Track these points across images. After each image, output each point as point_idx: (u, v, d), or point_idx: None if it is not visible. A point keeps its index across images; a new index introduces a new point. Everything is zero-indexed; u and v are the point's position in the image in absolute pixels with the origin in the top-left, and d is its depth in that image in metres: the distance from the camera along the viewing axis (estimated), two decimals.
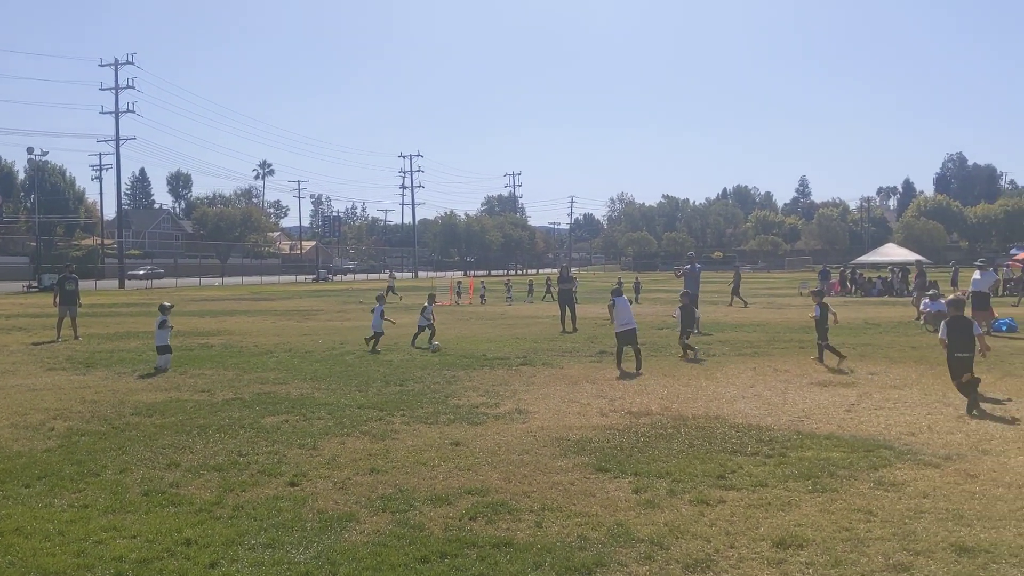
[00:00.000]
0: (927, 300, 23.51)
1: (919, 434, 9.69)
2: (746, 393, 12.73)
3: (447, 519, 6.72)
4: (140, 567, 5.70)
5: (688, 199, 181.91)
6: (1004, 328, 21.78)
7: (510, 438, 9.66)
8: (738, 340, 20.51)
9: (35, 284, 56.29)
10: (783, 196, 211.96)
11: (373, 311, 19.81)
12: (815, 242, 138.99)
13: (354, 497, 7.35)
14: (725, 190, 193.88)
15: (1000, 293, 39.97)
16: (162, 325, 16.18)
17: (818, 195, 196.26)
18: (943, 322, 11.90)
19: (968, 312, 22.33)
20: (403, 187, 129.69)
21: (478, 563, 5.75)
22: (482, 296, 42.34)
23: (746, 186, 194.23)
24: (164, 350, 16.06)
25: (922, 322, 22.87)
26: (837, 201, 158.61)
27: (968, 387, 11.24)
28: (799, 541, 6.11)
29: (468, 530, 6.45)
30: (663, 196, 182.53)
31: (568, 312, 24.38)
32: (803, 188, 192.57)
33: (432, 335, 19.71)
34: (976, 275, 22.51)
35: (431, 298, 21.57)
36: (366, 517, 6.80)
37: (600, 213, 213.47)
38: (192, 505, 7.13)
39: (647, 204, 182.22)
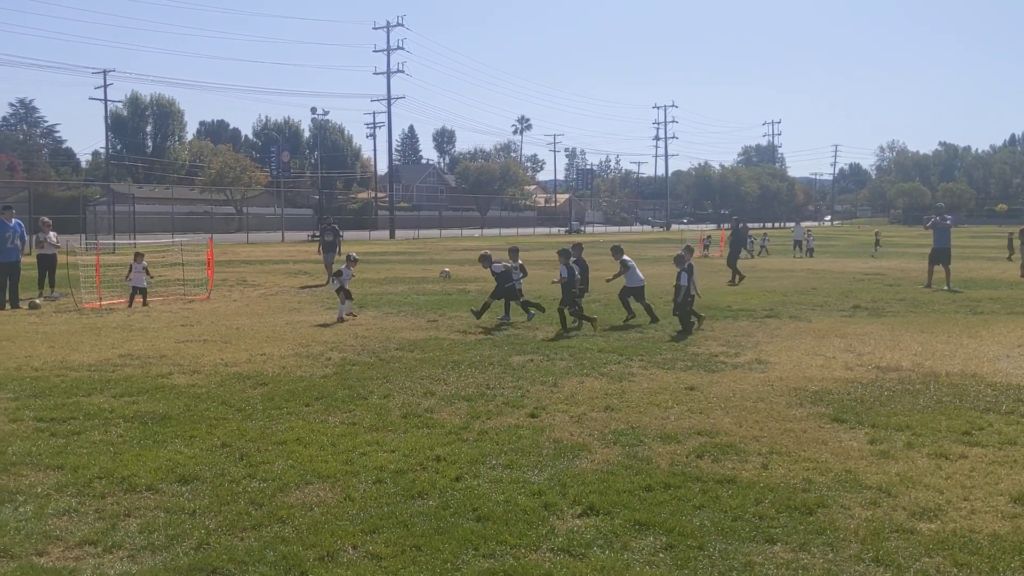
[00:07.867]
0: None
1: None
2: (1012, 352, 11.89)
3: (674, 455, 7.00)
4: (397, 476, 6.46)
5: (969, 147, 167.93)
6: None
7: (746, 386, 9.71)
8: (1011, 297, 18.94)
9: (317, 234, 61.71)
10: None
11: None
12: None
13: (588, 430, 7.80)
14: (1013, 136, 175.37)
15: None
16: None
17: None
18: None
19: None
20: (656, 139, 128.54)
21: (700, 495, 5.99)
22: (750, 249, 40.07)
23: None
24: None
25: None
26: None
27: None
28: None
29: (694, 466, 6.69)
30: (939, 144, 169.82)
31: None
32: None
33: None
34: None
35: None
36: (598, 448, 7.22)
37: (868, 163, 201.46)
38: (443, 428, 7.88)
39: (921, 153, 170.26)
